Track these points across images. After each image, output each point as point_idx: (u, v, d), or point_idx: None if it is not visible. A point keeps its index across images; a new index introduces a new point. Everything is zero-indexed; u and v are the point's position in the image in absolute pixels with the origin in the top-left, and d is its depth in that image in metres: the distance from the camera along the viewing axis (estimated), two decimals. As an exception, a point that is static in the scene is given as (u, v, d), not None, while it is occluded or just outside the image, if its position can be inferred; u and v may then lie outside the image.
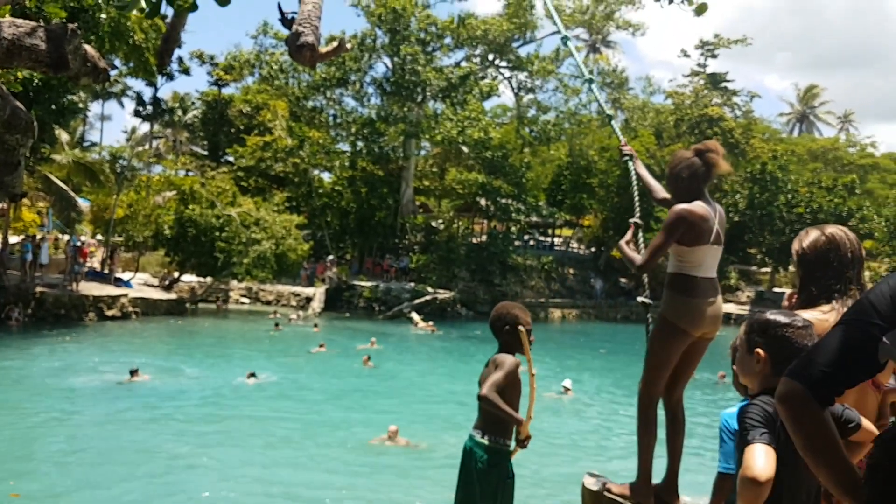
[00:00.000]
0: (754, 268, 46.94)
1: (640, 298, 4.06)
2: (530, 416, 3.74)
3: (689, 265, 3.57)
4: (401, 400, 15.35)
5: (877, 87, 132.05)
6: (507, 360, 3.72)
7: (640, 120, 43.99)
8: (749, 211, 42.62)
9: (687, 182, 3.60)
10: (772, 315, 2.25)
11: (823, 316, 2.54)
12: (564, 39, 5.06)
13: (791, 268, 44.92)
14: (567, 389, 16.10)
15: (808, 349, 1.79)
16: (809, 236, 2.71)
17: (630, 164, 4.28)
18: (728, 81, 49.90)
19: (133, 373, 14.95)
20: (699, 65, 49.93)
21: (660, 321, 3.68)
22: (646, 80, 49.42)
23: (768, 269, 46.02)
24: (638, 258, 3.65)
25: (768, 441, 1.96)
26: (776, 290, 43.38)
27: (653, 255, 3.60)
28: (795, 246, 2.73)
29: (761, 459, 1.91)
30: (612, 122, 4.98)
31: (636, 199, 4.23)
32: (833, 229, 2.69)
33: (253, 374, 15.69)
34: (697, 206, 3.51)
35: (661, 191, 4.13)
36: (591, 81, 5.12)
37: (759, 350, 2.21)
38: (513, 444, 3.74)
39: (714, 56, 49.36)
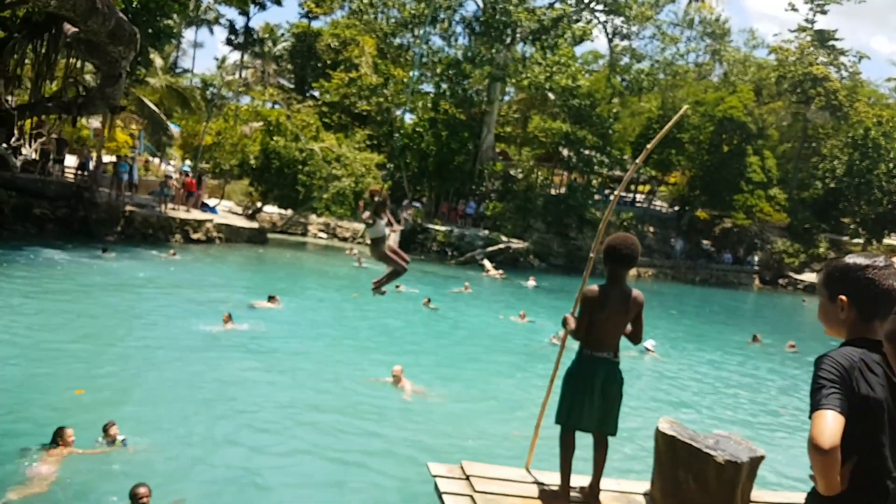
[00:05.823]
0: (846, 238, 44.66)
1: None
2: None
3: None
4: (442, 342, 15.24)
5: None
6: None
7: (741, 74, 41.98)
8: (846, 178, 40.48)
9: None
10: (851, 259, 2.20)
11: None
12: None
13: (886, 241, 42.64)
14: (649, 350, 15.86)
15: None
16: None
17: None
18: (837, 40, 46.98)
19: (271, 298, 15.96)
20: (807, 20, 47.13)
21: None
22: (749, 32, 47.12)
23: (861, 241, 43.71)
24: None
25: (837, 405, 1.95)
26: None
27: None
28: None
29: (828, 427, 1.92)
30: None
31: None
32: None
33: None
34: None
35: None
36: None
37: (841, 297, 2.15)
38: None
39: (824, 12, 46.59)
